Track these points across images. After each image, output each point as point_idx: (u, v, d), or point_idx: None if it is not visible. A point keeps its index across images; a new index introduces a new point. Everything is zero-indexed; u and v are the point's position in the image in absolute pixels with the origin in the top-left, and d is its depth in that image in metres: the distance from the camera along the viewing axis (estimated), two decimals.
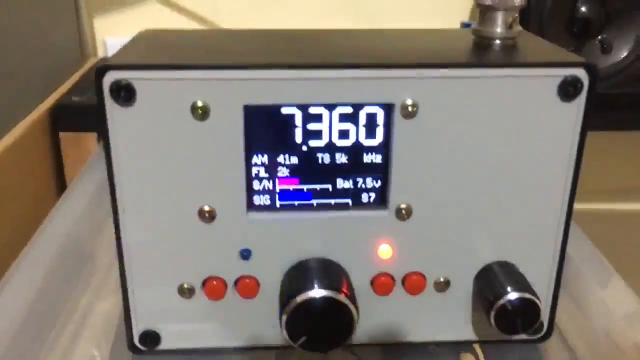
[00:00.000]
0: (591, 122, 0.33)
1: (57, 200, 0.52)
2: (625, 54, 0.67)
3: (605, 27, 0.67)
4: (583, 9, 0.67)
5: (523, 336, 0.38)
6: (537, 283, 0.35)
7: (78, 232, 0.49)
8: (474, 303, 0.37)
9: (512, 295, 0.33)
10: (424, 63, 0.32)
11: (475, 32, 0.36)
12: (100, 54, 0.89)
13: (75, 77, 0.78)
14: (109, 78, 0.31)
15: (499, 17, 0.35)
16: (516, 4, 0.34)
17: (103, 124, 0.32)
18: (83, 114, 0.69)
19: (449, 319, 0.38)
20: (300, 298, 0.33)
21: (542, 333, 0.38)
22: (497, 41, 0.35)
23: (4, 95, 0.61)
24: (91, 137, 0.70)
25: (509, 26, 0.35)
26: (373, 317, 0.37)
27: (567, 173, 0.34)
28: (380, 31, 0.41)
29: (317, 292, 0.33)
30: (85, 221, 0.50)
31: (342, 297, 0.33)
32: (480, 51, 0.35)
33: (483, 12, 0.36)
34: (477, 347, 0.39)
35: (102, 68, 0.31)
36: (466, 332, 0.38)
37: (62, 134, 0.69)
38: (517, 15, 0.36)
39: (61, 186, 0.69)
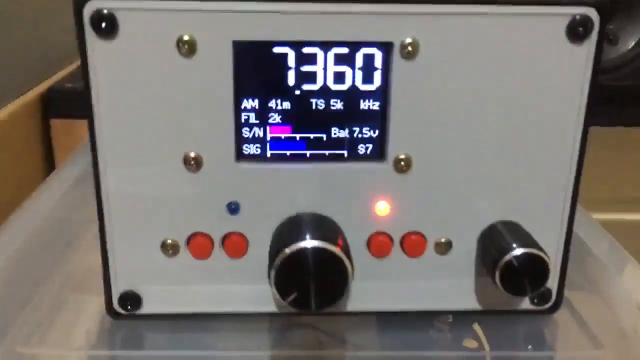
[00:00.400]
0: (596, 118, 0.31)
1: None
2: (631, 45, 0.65)
3: (611, 18, 0.66)
4: None
5: (531, 307, 0.36)
6: (546, 248, 0.33)
7: (59, 212, 0.47)
8: (478, 268, 0.35)
9: (518, 251, 0.31)
10: None
11: None
12: None
13: (69, 68, 0.76)
14: (90, 7, 0.29)
15: None
16: None
17: (83, 60, 0.30)
18: (75, 100, 0.67)
19: (451, 285, 0.35)
20: (290, 249, 0.30)
21: (551, 303, 0.36)
22: None
23: None
24: (83, 125, 0.68)
25: None
26: (369, 282, 0.35)
27: (577, 121, 0.32)
28: None
29: (308, 243, 0.30)
30: (67, 201, 0.48)
31: (335, 249, 0.30)
32: None
33: None
34: (479, 330, 0.37)
35: None
36: (469, 301, 0.36)
37: (52, 121, 0.68)
38: None
39: (49, 173, 0.67)
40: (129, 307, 0.34)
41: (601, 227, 0.47)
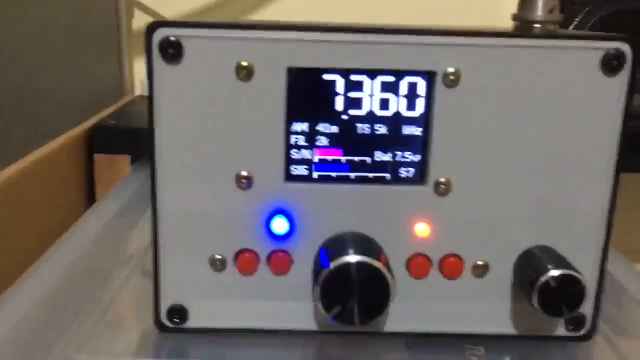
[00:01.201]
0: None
1: None
2: None
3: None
4: None
5: (565, 333, 0.36)
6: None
7: (94, 248, 0.49)
8: (514, 292, 0.36)
9: (555, 272, 0.32)
10: (467, 31, 0.32)
11: (515, 17, 0.37)
12: (137, 92, 0.91)
13: (113, 107, 0.80)
14: (159, 35, 0.32)
15: (540, 2, 0.36)
16: None
17: (150, 82, 0.33)
18: (117, 136, 0.70)
19: (487, 308, 0.36)
20: (334, 264, 0.32)
21: (586, 329, 0.36)
22: (538, 25, 0.36)
23: (44, 112, 0.63)
24: (124, 160, 0.71)
25: (549, 11, 0.36)
26: (407, 302, 0.36)
27: (611, 151, 0.34)
28: None
29: (352, 258, 0.32)
30: (105, 236, 0.50)
31: (378, 264, 0.32)
32: (522, 30, 0.36)
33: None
34: None
35: (153, 25, 0.32)
36: (505, 325, 0.36)
37: (96, 155, 0.71)
38: (557, 3, 0.36)
39: (91, 204, 0.69)
40: (176, 320, 0.36)
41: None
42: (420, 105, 0.34)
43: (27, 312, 0.38)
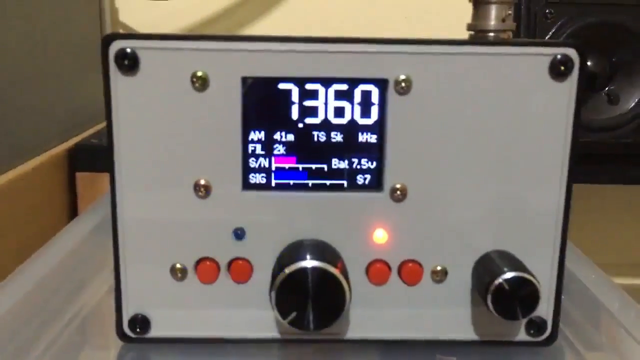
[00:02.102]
0: (606, 175, 0.33)
1: None
2: (632, 104, 0.68)
3: (611, 79, 0.69)
4: (589, 63, 0.68)
5: (527, 338, 0.37)
6: (539, 277, 0.34)
7: (70, 259, 0.49)
8: (473, 298, 0.36)
9: (509, 274, 0.32)
10: (418, 39, 0.33)
11: (470, 27, 0.37)
12: None
13: (96, 127, 0.80)
14: (115, 47, 0.33)
15: (493, 11, 0.36)
16: None
17: (107, 93, 0.33)
18: (99, 155, 0.71)
19: (448, 314, 0.36)
20: (290, 269, 0.32)
21: (547, 334, 0.36)
22: (492, 34, 0.37)
23: (24, 130, 0.64)
24: (105, 178, 0.71)
25: (502, 20, 0.36)
26: (368, 309, 0.36)
27: (564, 154, 0.34)
28: None
29: (308, 263, 0.32)
30: (82, 248, 0.51)
31: (334, 270, 0.32)
32: (476, 39, 0.36)
33: (476, 8, 0.37)
34: None
35: (108, 37, 0.33)
36: (466, 331, 0.37)
37: (78, 174, 0.71)
38: (510, 12, 0.37)
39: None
40: (138, 330, 0.36)
41: (615, 285, 0.47)
42: (374, 112, 0.34)
43: None
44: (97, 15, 0.82)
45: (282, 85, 0.34)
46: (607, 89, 0.69)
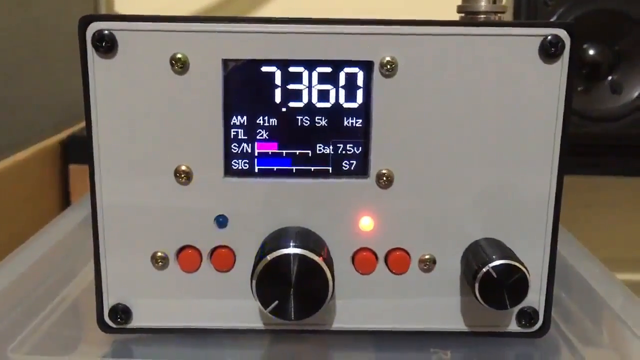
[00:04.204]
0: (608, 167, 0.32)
1: None
2: (636, 94, 0.66)
3: (614, 68, 0.67)
4: (591, 52, 0.67)
5: (518, 329, 0.36)
6: (530, 267, 0.33)
7: (59, 248, 0.48)
8: (463, 287, 0.35)
9: (496, 262, 0.31)
10: (403, 20, 0.32)
11: (460, 9, 0.36)
12: None
13: None
14: (92, 29, 0.32)
15: None
16: None
17: (84, 76, 0.32)
18: None
19: (437, 304, 0.35)
20: (272, 255, 0.31)
21: (539, 325, 0.35)
22: (482, 16, 0.35)
23: (15, 122, 0.63)
24: None
25: (492, 1, 0.35)
26: (355, 299, 0.35)
27: (555, 139, 0.33)
28: None
29: (291, 250, 0.31)
30: (72, 238, 0.50)
31: (317, 258, 0.31)
32: (466, 21, 0.35)
33: None
34: None
35: (85, 18, 0.32)
36: (455, 321, 0.35)
37: (71, 166, 0.71)
38: None
39: None
40: (119, 320, 0.35)
41: (617, 281, 0.45)
42: (359, 96, 0.33)
43: None
44: (92, 6, 0.81)
45: (264, 68, 0.33)
46: (609, 78, 0.67)
